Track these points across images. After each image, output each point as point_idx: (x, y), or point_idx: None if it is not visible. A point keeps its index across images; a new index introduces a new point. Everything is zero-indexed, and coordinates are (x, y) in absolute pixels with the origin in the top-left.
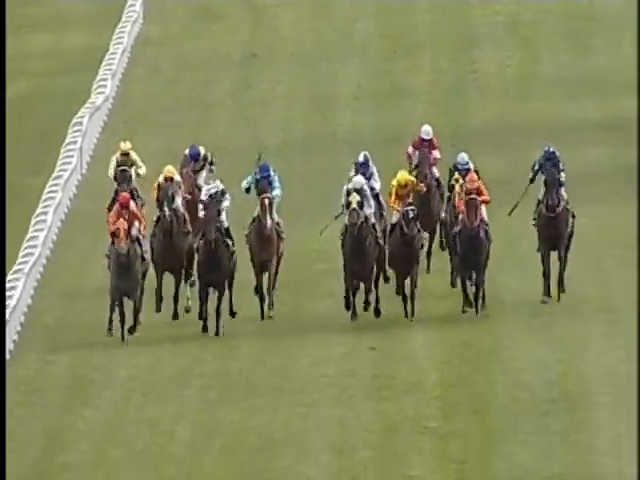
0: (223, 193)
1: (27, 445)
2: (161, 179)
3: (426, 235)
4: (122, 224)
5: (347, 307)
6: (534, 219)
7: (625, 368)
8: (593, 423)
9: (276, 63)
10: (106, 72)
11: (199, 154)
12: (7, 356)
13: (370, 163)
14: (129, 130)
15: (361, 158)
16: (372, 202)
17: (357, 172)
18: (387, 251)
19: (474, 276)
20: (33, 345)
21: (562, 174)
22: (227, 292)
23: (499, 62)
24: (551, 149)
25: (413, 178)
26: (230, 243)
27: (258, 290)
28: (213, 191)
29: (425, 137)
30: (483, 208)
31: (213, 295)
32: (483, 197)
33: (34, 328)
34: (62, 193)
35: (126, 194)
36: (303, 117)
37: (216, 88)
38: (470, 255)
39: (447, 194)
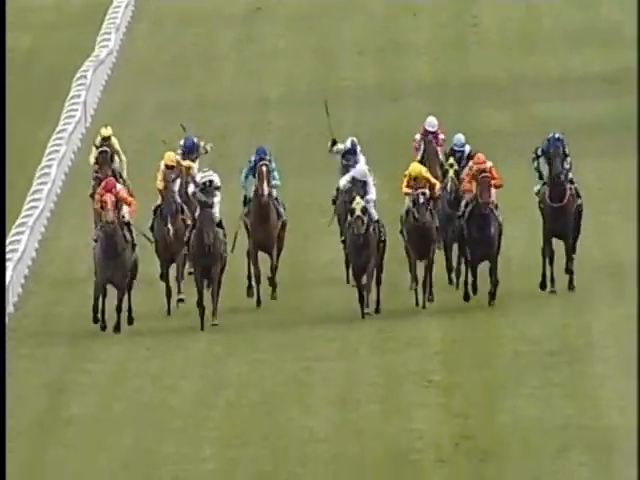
0: (217, 187)
1: (31, 398)
2: (162, 167)
3: None
4: (109, 196)
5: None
6: (539, 201)
7: (628, 322)
8: (596, 376)
9: (280, 17)
10: (110, 26)
11: (194, 144)
12: (11, 309)
13: (358, 149)
14: (133, 84)
15: (348, 144)
16: (373, 189)
17: (344, 158)
18: (402, 237)
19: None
20: (37, 298)
21: (568, 159)
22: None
23: (500, 16)
24: (557, 135)
25: (426, 174)
26: (220, 232)
27: (250, 278)
28: (207, 179)
29: (430, 129)
30: (493, 191)
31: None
32: (495, 181)
33: (38, 281)
34: (66, 146)
35: (110, 179)
36: (306, 71)
37: (220, 42)
38: (481, 238)
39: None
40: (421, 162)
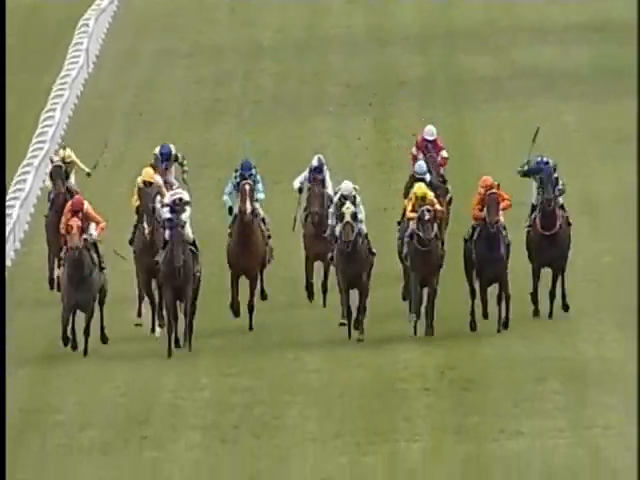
0: (186, 203)
1: (37, 332)
2: (140, 183)
3: None
4: (75, 221)
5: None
6: (527, 231)
7: (609, 258)
8: (576, 310)
9: None
10: None
11: (170, 153)
12: (18, 245)
13: (324, 168)
14: (132, 32)
15: (315, 162)
16: (362, 208)
17: (310, 178)
18: (408, 259)
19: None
20: (42, 236)
21: (560, 183)
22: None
23: None
24: (545, 158)
25: (431, 195)
26: (196, 253)
27: (233, 305)
28: (176, 197)
29: (429, 137)
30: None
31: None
32: (504, 203)
33: (42, 221)
34: (69, 91)
35: (79, 197)
36: (298, 19)
37: None
38: (491, 259)
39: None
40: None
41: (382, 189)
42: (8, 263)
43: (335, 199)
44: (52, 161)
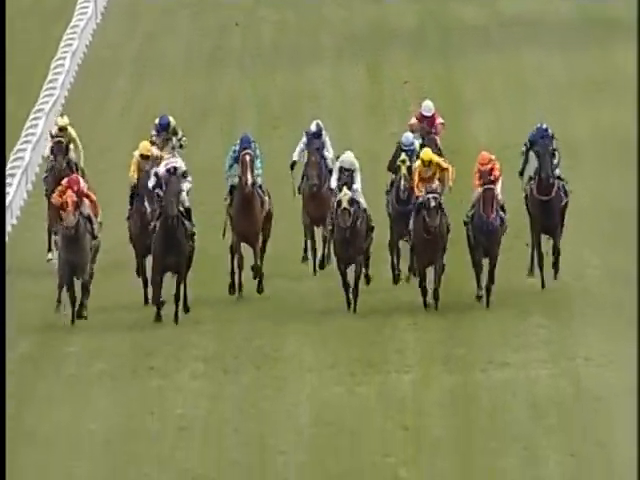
0: (184, 175)
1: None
2: (137, 156)
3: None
4: (70, 196)
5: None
6: (525, 196)
7: (587, 198)
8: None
9: None
10: None
11: (169, 124)
12: (30, 187)
13: (323, 132)
14: None
15: (313, 127)
16: (359, 178)
17: (309, 142)
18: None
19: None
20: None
21: (557, 152)
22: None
23: None
24: (544, 126)
25: (437, 157)
26: (190, 225)
27: (232, 275)
28: (171, 166)
29: (426, 114)
30: (498, 188)
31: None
32: (495, 175)
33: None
34: (79, 41)
35: (74, 176)
36: None
37: None
38: (484, 247)
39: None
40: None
41: (375, 133)
42: (21, 203)
43: (335, 169)
44: (52, 136)
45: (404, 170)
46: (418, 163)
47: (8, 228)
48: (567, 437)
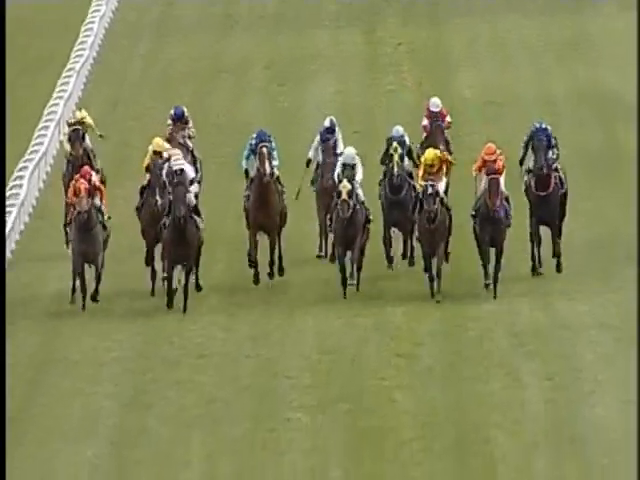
0: (192, 182)
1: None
2: (151, 151)
3: None
4: (83, 184)
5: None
6: (524, 190)
7: (566, 150)
8: None
9: None
10: None
11: (183, 114)
12: (48, 169)
13: (336, 129)
14: None
15: (327, 123)
16: (360, 170)
17: (322, 139)
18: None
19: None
20: None
21: (554, 149)
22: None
23: None
24: (543, 125)
25: (441, 154)
26: (198, 219)
27: (251, 258)
28: (178, 168)
29: (434, 109)
30: (502, 180)
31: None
32: (499, 166)
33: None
34: (106, 6)
35: (86, 168)
36: None
37: None
38: (490, 237)
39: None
40: (427, 139)
41: (371, 88)
42: (41, 185)
43: (338, 166)
44: (69, 124)
45: (396, 157)
46: (422, 161)
47: (28, 214)
48: (544, 363)
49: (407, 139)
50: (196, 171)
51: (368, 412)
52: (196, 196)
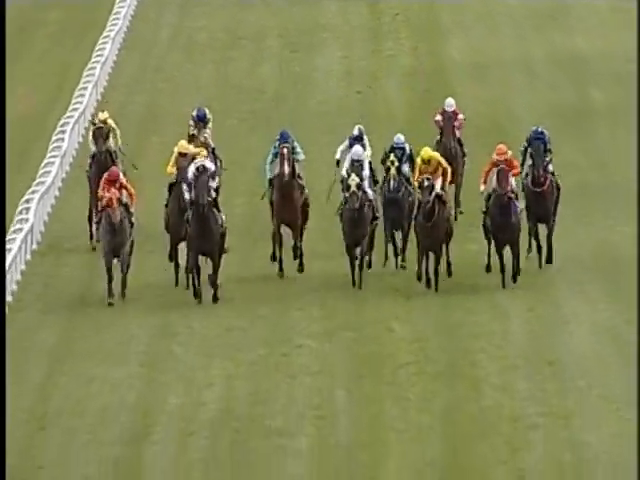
0: (213, 176)
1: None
2: (176, 153)
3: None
4: (113, 193)
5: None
6: (522, 190)
7: (545, 108)
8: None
9: None
10: None
11: (205, 115)
12: (83, 131)
13: (364, 137)
14: None
15: (356, 131)
16: (367, 168)
17: (350, 144)
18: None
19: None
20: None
21: (549, 153)
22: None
23: None
24: (540, 129)
25: (437, 155)
26: (218, 215)
27: (276, 254)
28: (200, 164)
29: (448, 109)
30: (512, 181)
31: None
32: (514, 170)
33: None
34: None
35: (114, 169)
36: None
37: None
38: (503, 224)
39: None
40: (440, 139)
41: (373, 55)
42: (64, 176)
43: (346, 160)
44: (94, 123)
45: (393, 171)
46: (419, 161)
47: (52, 201)
48: (527, 297)
49: (407, 146)
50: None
51: (369, 340)
52: (216, 190)
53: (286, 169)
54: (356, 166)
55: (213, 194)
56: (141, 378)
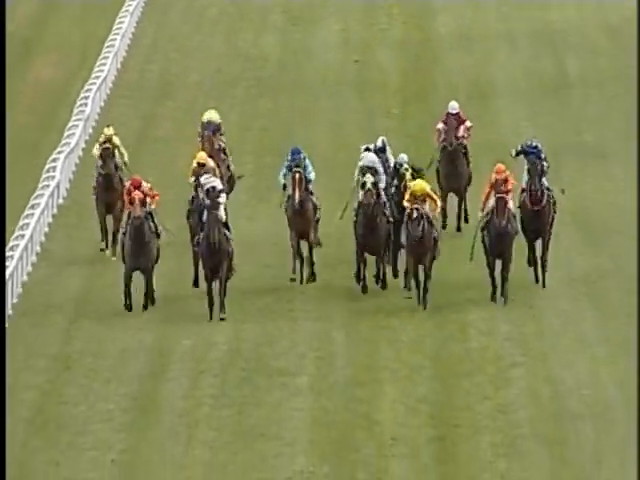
0: (221, 191)
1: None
2: (195, 164)
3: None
4: (137, 194)
5: (358, 281)
6: (518, 207)
7: (525, 74)
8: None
9: None
10: None
11: (219, 126)
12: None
13: (387, 148)
14: None
15: (379, 143)
16: (383, 177)
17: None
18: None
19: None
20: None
21: (545, 163)
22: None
23: None
24: (534, 142)
25: (429, 190)
26: (228, 233)
27: (298, 254)
28: (209, 186)
29: (452, 112)
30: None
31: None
32: (509, 188)
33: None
34: None
35: (136, 177)
36: None
37: None
38: (498, 241)
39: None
40: (444, 147)
41: (368, 28)
42: (87, 138)
43: (356, 171)
44: (100, 143)
45: (408, 176)
46: (410, 190)
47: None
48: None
49: (407, 165)
50: (229, 180)
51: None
52: (224, 208)
53: (297, 196)
54: (367, 172)
55: (223, 217)
56: (157, 322)
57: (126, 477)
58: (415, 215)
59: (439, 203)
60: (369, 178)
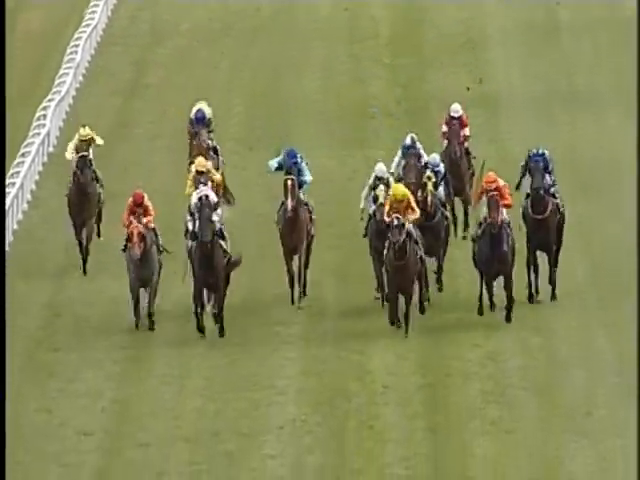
0: (215, 207)
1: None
2: (194, 171)
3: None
4: (135, 228)
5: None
6: (522, 214)
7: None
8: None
9: None
10: None
11: (204, 117)
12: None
13: (418, 144)
14: None
15: (408, 141)
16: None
17: (404, 155)
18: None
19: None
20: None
21: (551, 174)
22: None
23: None
24: (540, 151)
25: (409, 194)
26: (223, 243)
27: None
28: (203, 194)
29: (454, 115)
30: (504, 210)
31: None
32: (505, 201)
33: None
34: None
35: (140, 192)
36: None
37: None
38: (494, 255)
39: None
40: (447, 148)
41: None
42: (77, 85)
43: (370, 180)
44: (77, 151)
45: (430, 186)
46: (389, 196)
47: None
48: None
49: (442, 168)
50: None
51: (355, 252)
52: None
53: (290, 204)
54: (380, 182)
55: (218, 225)
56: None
57: (118, 424)
58: (396, 223)
59: (417, 212)
60: (382, 190)
